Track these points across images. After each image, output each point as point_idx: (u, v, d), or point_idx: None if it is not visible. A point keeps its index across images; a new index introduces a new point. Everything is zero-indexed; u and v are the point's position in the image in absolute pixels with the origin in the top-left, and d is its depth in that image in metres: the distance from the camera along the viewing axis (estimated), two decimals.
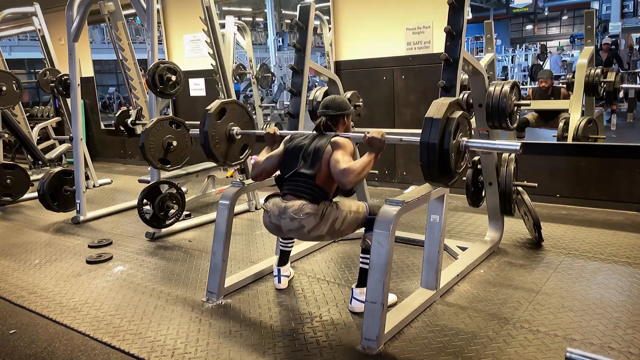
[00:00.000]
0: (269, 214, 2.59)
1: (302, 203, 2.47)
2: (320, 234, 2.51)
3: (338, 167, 2.40)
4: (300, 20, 3.35)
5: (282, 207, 2.52)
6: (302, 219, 2.45)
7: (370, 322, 2.26)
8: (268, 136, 2.86)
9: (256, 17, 7.84)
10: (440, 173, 2.19)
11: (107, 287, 3.14)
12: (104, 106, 9.15)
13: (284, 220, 2.51)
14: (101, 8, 4.98)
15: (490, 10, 10.42)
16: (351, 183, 2.37)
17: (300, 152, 2.60)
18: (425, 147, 2.16)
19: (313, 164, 2.53)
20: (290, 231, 2.54)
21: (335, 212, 2.50)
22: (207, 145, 2.96)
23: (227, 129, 3.04)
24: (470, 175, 3.44)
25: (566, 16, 9.80)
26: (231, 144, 3.08)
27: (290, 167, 2.62)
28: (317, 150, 2.54)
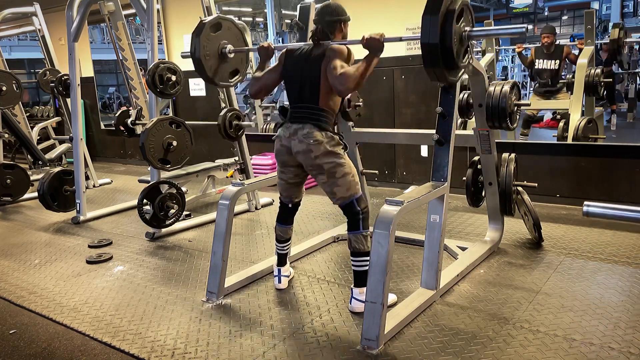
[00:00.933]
0: (280, 138, 2.62)
1: (311, 128, 2.51)
2: (322, 165, 2.54)
3: (334, 74, 2.36)
4: (300, 20, 3.35)
5: (292, 129, 2.56)
6: (311, 144, 2.50)
7: (370, 322, 2.26)
8: (262, 49, 2.77)
9: (256, 17, 7.84)
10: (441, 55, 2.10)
11: (107, 287, 3.14)
12: (104, 106, 9.15)
13: (294, 142, 2.56)
14: (101, 8, 4.99)
15: (490, 10, 10.41)
16: (349, 90, 2.36)
17: (299, 69, 2.57)
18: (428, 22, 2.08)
19: (312, 84, 2.51)
20: (298, 153, 2.57)
21: (344, 161, 2.56)
22: (197, 56, 2.84)
23: (220, 44, 2.93)
24: (470, 175, 3.45)
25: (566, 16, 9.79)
26: (222, 62, 2.96)
27: (293, 90, 2.62)
28: (314, 63, 2.50)
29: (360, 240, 2.58)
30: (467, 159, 4.13)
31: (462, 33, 2.18)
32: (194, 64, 2.93)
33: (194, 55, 2.88)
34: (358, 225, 2.59)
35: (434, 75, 2.20)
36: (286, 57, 2.68)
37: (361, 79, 2.35)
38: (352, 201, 2.59)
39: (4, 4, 6.50)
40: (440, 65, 2.14)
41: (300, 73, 2.58)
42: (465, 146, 4.33)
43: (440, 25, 2.07)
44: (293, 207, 2.92)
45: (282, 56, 2.72)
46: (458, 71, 2.22)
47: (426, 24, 2.09)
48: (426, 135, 3.54)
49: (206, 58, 2.89)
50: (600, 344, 2.23)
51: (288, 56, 2.67)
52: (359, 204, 2.60)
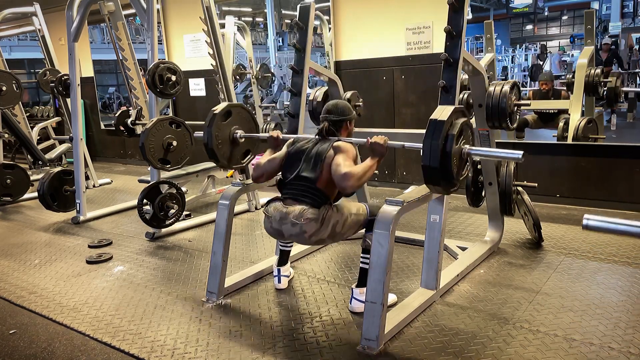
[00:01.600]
0: (270, 219, 2.57)
1: (303, 208, 2.46)
2: (321, 238, 2.50)
3: (339, 171, 2.39)
4: (300, 20, 3.35)
5: (283, 212, 2.50)
6: (303, 224, 2.44)
7: (370, 322, 2.26)
8: (271, 139, 2.85)
9: (256, 17, 7.84)
10: (441, 176, 2.19)
11: (107, 287, 3.14)
12: (104, 106, 9.15)
13: (285, 226, 2.50)
14: (101, 8, 4.98)
15: (490, 10, 10.42)
16: (352, 188, 2.36)
17: (302, 155, 2.60)
18: (429, 147, 2.16)
19: (314, 168, 2.52)
20: (291, 236, 2.53)
21: (336, 215, 2.50)
22: (211, 146, 2.95)
23: (231, 131, 3.03)
24: (470, 175, 3.44)
25: (566, 16, 9.80)
26: (234, 147, 3.07)
27: (292, 170, 2.61)
28: (319, 154, 2.53)
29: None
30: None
31: (461, 151, 2.26)
32: (208, 153, 3.01)
33: (208, 146, 2.96)
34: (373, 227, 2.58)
35: (433, 189, 2.33)
36: (292, 145, 2.72)
37: (363, 179, 2.38)
38: (369, 221, 2.58)
39: (4, 4, 6.50)
40: (441, 183, 2.24)
41: (304, 156, 2.59)
42: None
43: (440, 150, 2.16)
44: None
45: (288, 144, 2.75)
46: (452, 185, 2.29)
47: (427, 148, 2.18)
48: None
49: (219, 147, 2.98)
50: (600, 344, 2.23)
51: (293, 144, 2.71)
52: (373, 214, 2.56)
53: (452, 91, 2.71)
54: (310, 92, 3.82)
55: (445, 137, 2.16)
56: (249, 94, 7.47)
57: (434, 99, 4.72)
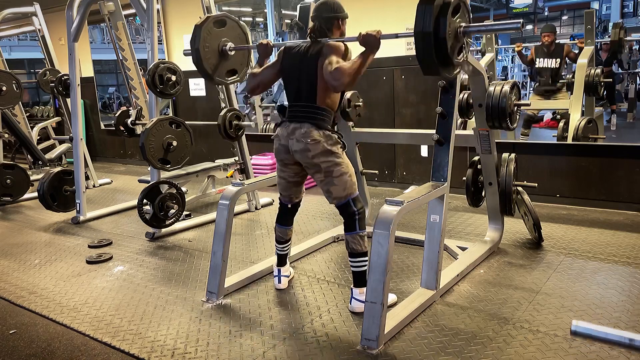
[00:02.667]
0: (278, 137, 2.64)
1: (309, 127, 2.51)
2: (319, 164, 2.54)
3: (329, 69, 2.34)
4: (300, 20, 3.35)
5: (290, 128, 2.57)
6: (308, 143, 2.51)
7: (370, 322, 2.26)
8: (261, 47, 2.76)
9: (256, 17, 7.84)
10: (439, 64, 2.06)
11: (107, 287, 3.14)
12: (104, 106, 9.16)
13: (291, 141, 2.56)
14: (101, 8, 4.99)
15: (490, 10, 10.42)
16: (344, 85, 2.33)
17: (296, 67, 2.58)
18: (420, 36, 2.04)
19: (310, 82, 2.51)
20: (295, 152, 2.58)
21: (342, 160, 2.57)
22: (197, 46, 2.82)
23: (221, 42, 2.93)
24: (470, 175, 3.44)
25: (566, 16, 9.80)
26: (222, 59, 2.96)
27: (290, 89, 2.63)
28: (311, 60, 2.50)
29: (357, 241, 2.58)
30: (467, 159, 4.13)
31: (457, 28, 2.14)
32: (192, 55, 2.90)
33: (193, 45, 2.86)
34: (354, 226, 2.59)
35: (426, 67, 2.14)
36: (284, 54, 2.68)
37: (356, 75, 2.33)
38: (349, 201, 2.59)
39: (4, 4, 6.50)
40: (433, 57, 2.09)
41: (298, 71, 2.58)
42: (465, 146, 4.33)
43: (435, 16, 2.02)
44: (292, 208, 2.92)
45: (280, 53, 2.72)
46: (452, 68, 2.17)
47: (420, 13, 2.05)
48: (426, 135, 3.54)
49: (205, 49, 2.87)
50: (600, 344, 2.22)
51: (286, 53, 2.67)
52: (355, 204, 2.60)
53: (452, 91, 2.71)
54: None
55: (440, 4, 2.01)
56: (249, 94, 7.47)
57: (434, 99, 4.72)
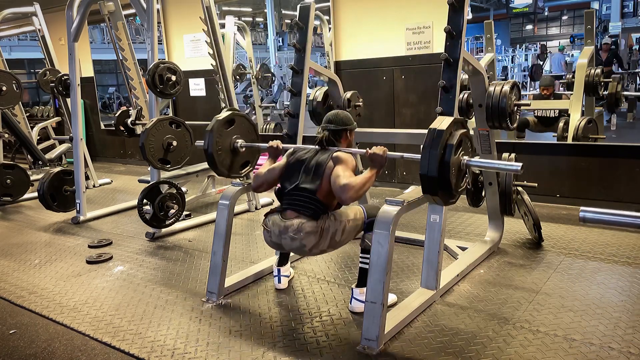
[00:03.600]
0: (269, 232, 2.57)
1: (301, 222, 2.45)
2: (322, 249, 2.51)
3: (338, 182, 2.38)
4: (300, 20, 3.35)
5: (282, 226, 2.50)
6: (302, 239, 2.45)
7: (370, 322, 2.26)
8: (271, 149, 2.85)
9: (256, 17, 7.84)
10: (440, 187, 2.16)
11: (107, 287, 3.14)
12: (104, 106, 9.15)
13: (284, 240, 2.51)
14: (101, 8, 4.98)
15: (490, 10, 10.42)
16: (351, 199, 2.35)
17: (301, 166, 2.59)
18: (427, 157, 2.14)
19: (314, 178, 2.51)
20: (292, 249, 2.56)
21: (334, 224, 2.49)
22: (210, 151, 2.93)
23: (232, 140, 3.02)
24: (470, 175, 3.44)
25: (566, 16, 9.80)
26: (234, 156, 3.05)
27: (291, 180, 2.60)
28: (319, 165, 2.53)
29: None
30: None
31: (460, 162, 2.24)
32: (207, 159, 2.99)
33: (207, 151, 2.95)
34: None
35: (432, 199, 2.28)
36: (292, 154, 2.72)
37: (362, 190, 2.37)
38: (366, 224, 2.58)
39: (4, 4, 6.50)
40: (438, 192, 2.19)
41: (303, 168, 2.59)
42: None
43: (439, 159, 2.13)
44: None
45: (287, 154, 2.76)
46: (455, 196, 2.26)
47: (425, 157, 2.15)
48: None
49: (218, 152, 2.97)
50: (600, 344, 2.23)
51: (294, 154, 2.71)
52: (371, 216, 2.56)
53: (452, 91, 2.71)
54: (310, 92, 3.82)
55: (444, 147, 2.13)
56: (249, 94, 7.47)
57: (434, 99, 4.72)
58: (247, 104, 7.62)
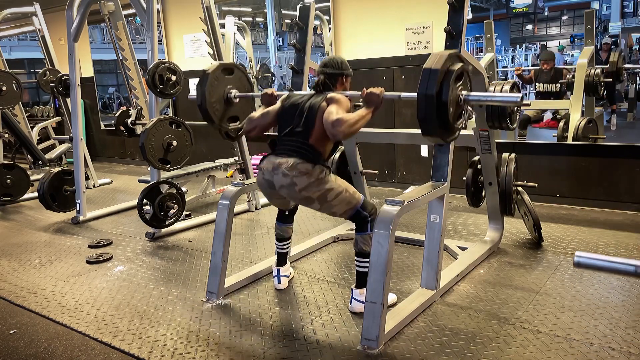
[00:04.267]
0: (262, 171, 2.55)
1: (296, 161, 2.42)
2: (310, 197, 2.45)
3: (330, 118, 2.35)
4: (300, 20, 3.35)
5: (275, 163, 2.47)
6: (294, 176, 2.41)
7: (370, 322, 2.26)
8: (265, 96, 2.81)
9: (256, 17, 7.84)
10: (439, 126, 2.12)
11: (107, 287, 3.14)
12: (104, 106, 9.15)
13: (276, 176, 2.47)
14: (101, 8, 4.99)
15: (490, 10, 10.40)
16: (343, 133, 2.32)
17: (296, 110, 2.56)
18: (423, 99, 2.09)
19: (307, 122, 2.49)
20: (282, 187, 2.48)
21: (332, 183, 2.47)
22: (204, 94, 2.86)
23: (225, 90, 2.97)
24: (470, 175, 3.44)
25: (566, 16, 9.79)
26: (227, 106, 3.00)
27: (285, 126, 2.58)
28: (312, 107, 2.50)
29: (367, 242, 2.54)
30: (467, 159, 4.13)
31: (459, 95, 2.20)
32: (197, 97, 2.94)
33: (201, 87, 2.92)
34: (366, 227, 2.56)
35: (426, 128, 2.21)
36: (286, 99, 2.69)
37: (355, 126, 2.34)
38: (357, 210, 2.55)
39: (4, 4, 6.50)
40: (434, 119, 2.15)
41: (296, 113, 2.56)
42: (465, 146, 4.33)
43: (439, 81, 2.08)
44: (290, 211, 2.95)
45: (282, 99, 2.73)
46: (451, 133, 2.24)
47: (425, 76, 2.10)
48: None
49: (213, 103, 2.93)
50: (600, 344, 2.23)
51: (288, 99, 2.68)
52: (365, 208, 2.55)
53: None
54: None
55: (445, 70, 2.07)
56: None
57: None
58: None
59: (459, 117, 2.26)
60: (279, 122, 2.66)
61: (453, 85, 2.12)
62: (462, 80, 2.21)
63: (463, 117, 2.28)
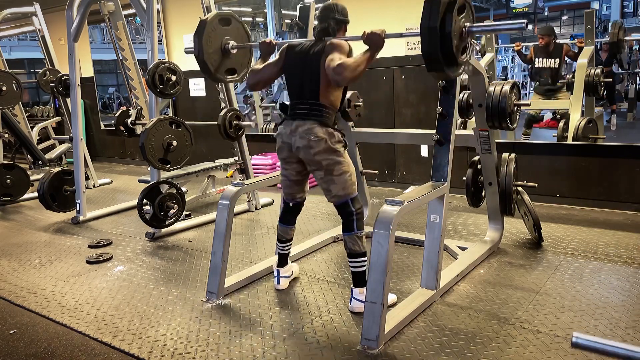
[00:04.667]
0: (281, 135, 2.64)
1: (312, 124, 2.52)
2: (320, 162, 2.54)
3: (332, 64, 2.37)
4: (300, 20, 3.35)
5: (293, 126, 2.58)
6: (311, 140, 2.51)
7: (370, 322, 2.26)
8: (263, 45, 2.79)
9: (256, 17, 7.84)
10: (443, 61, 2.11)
11: (107, 287, 3.14)
12: (104, 106, 9.15)
13: (294, 138, 2.57)
14: (101, 8, 4.99)
15: (490, 10, 10.40)
16: (346, 79, 2.35)
17: (301, 61, 2.59)
18: (426, 32, 2.09)
19: (313, 76, 2.53)
20: (298, 149, 2.58)
21: (343, 160, 2.57)
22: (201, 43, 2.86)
23: (223, 41, 2.97)
24: (470, 175, 3.44)
25: (566, 16, 9.79)
26: (223, 57, 3.00)
27: (294, 83, 2.64)
28: (315, 56, 2.53)
29: (355, 241, 2.59)
30: (467, 159, 4.13)
31: (462, 27, 2.19)
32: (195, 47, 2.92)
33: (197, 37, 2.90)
34: (352, 227, 2.60)
35: (431, 63, 2.19)
36: (287, 52, 2.70)
37: (358, 70, 2.35)
38: (347, 201, 2.60)
39: (4, 4, 6.50)
40: (438, 52, 2.13)
41: (301, 68, 2.60)
42: (465, 146, 4.33)
43: (441, 13, 2.07)
44: (295, 207, 2.92)
45: (282, 51, 2.74)
46: (456, 67, 2.23)
47: (427, 9, 2.10)
48: (426, 135, 3.54)
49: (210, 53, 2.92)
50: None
51: (289, 51, 2.69)
52: (354, 204, 2.60)
53: (452, 91, 2.71)
54: None
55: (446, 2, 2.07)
56: (249, 94, 7.47)
57: (434, 99, 4.71)
58: (247, 104, 7.61)
59: (464, 50, 2.24)
60: (286, 77, 2.69)
61: (456, 17, 2.10)
62: (465, 12, 2.20)
63: (467, 51, 2.27)
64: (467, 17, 2.23)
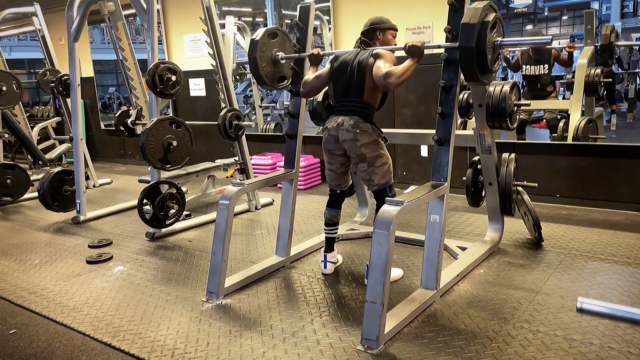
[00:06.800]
0: (328, 129, 2.89)
1: (357, 119, 2.78)
2: (365, 154, 2.79)
3: (380, 72, 2.63)
4: (300, 20, 3.35)
5: (339, 120, 2.84)
6: (357, 133, 2.77)
7: (370, 322, 2.26)
8: (312, 56, 3.09)
9: (256, 17, 7.84)
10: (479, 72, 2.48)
11: (107, 287, 3.14)
12: (104, 106, 9.15)
13: (341, 131, 2.82)
14: (101, 8, 4.99)
15: None
16: (394, 84, 2.60)
17: (346, 68, 2.85)
18: (464, 50, 2.44)
19: (359, 79, 2.78)
20: (344, 141, 2.82)
21: (384, 152, 2.85)
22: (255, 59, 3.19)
23: (273, 53, 3.28)
24: (470, 175, 3.44)
25: (566, 16, 9.79)
26: (275, 68, 3.32)
27: (340, 85, 2.89)
28: (361, 63, 2.79)
29: None
30: (467, 159, 4.13)
31: (494, 42, 2.52)
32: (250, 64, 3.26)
33: (251, 54, 3.23)
34: None
35: (469, 75, 2.54)
36: (335, 60, 2.98)
37: (403, 77, 2.60)
38: (386, 187, 2.87)
39: (4, 4, 6.51)
40: (475, 67, 2.46)
41: (348, 71, 2.85)
42: (465, 146, 4.33)
43: (477, 33, 2.41)
44: (341, 193, 3.17)
45: (331, 61, 3.02)
46: (489, 75, 2.58)
47: (464, 30, 2.43)
48: (426, 135, 3.54)
49: (263, 66, 3.25)
50: (600, 344, 2.23)
51: (336, 59, 2.96)
52: (391, 190, 2.89)
53: (452, 91, 2.71)
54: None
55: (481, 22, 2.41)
56: (249, 94, 7.47)
57: (434, 99, 4.72)
58: (247, 104, 7.62)
59: (496, 60, 2.58)
60: (333, 82, 2.96)
61: (489, 35, 2.45)
62: (496, 28, 2.52)
63: (499, 60, 2.62)
64: (498, 32, 2.56)
